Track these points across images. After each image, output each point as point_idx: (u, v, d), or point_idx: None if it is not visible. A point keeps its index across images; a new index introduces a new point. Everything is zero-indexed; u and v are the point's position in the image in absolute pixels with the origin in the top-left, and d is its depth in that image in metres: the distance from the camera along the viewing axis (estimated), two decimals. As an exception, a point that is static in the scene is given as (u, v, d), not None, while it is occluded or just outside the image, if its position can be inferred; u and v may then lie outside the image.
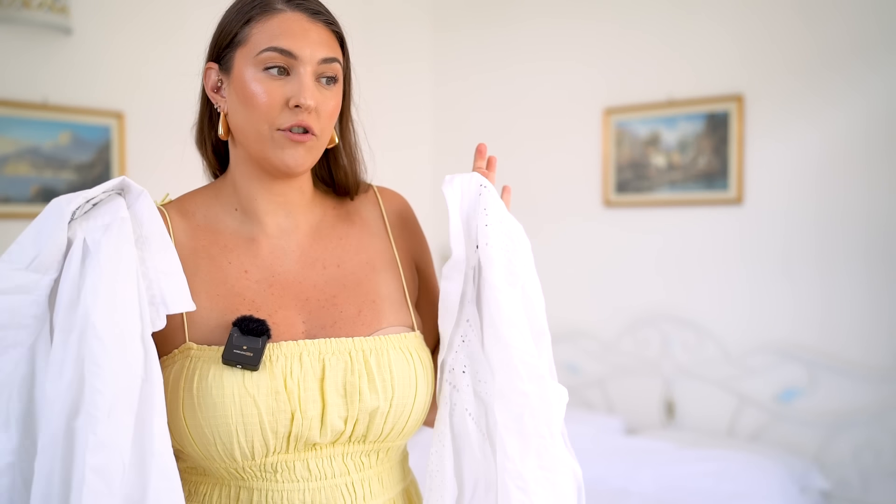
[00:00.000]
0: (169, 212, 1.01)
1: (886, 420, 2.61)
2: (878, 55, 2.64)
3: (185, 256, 0.96)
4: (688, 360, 3.03)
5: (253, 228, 1.01)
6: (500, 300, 0.95)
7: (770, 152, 2.85)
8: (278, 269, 1.00)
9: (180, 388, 0.91)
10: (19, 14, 2.41)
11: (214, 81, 1.01)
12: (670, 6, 3.06)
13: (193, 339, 0.93)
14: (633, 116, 3.15)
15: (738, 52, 2.91)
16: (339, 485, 0.95)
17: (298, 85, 0.93)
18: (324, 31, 0.97)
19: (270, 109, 0.93)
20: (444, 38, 3.74)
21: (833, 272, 2.74)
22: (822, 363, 2.73)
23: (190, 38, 3.00)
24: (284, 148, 0.94)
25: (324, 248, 1.04)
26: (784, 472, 2.51)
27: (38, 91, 2.61)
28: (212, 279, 0.97)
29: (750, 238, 2.91)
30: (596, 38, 3.25)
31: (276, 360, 0.92)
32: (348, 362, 0.94)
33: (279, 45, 0.93)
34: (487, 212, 0.98)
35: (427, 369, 1.00)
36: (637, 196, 3.16)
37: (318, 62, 0.95)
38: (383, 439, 0.98)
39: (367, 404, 0.94)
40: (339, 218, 1.07)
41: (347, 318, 0.99)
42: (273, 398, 0.90)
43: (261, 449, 0.91)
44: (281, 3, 0.97)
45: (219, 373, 0.90)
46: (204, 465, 0.94)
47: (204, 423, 0.89)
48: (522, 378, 0.94)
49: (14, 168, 2.56)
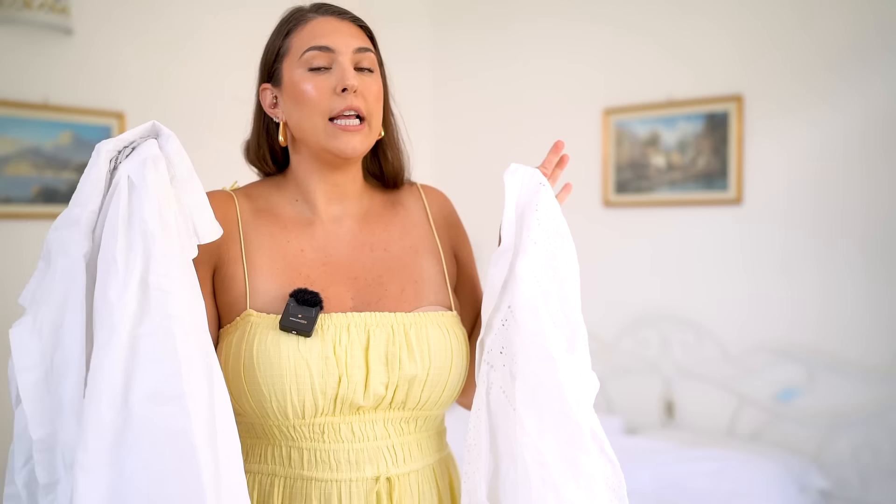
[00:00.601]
0: (237, 195, 1.14)
1: (885, 419, 2.62)
2: (877, 56, 2.64)
3: (248, 232, 1.09)
4: (687, 359, 3.03)
5: (310, 215, 1.13)
6: (523, 289, 1.02)
7: (769, 152, 2.86)
8: (331, 251, 1.12)
9: (242, 350, 1.02)
10: (20, 14, 2.41)
11: (270, 99, 1.14)
12: (670, 7, 3.06)
13: (254, 307, 1.04)
14: (632, 117, 3.16)
15: (738, 53, 2.91)
16: (380, 447, 1.05)
17: (340, 72, 1.06)
18: (353, 27, 1.11)
19: (321, 100, 1.05)
20: (443, 37, 3.74)
21: (832, 272, 2.74)
22: (821, 363, 2.74)
23: (190, 39, 3.01)
24: (339, 137, 1.06)
25: (371, 232, 1.15)
26: (783, 471, 2.52)
27: (39, 91, 2.61)
28: (272, 255, 1.08)
29: (749, 238, 2.91)
30: (596, 39, 3.26)
31: (326, 328, 1.03)
32: (390, 334, 1.05)
33: (316, 44, 1.07)
34: (539, 208, 1.05)
35: (462, 345, 1.10)
36: (637, 196, 3.16)
37: (353, 51, 1.07)
38: (421, 407, 1.07)
39: (406, 372, 1.04)
40: (385, 207, 1.19)
41: (391, 296, 1.10)
42: (323, 362, 1.01)
43: (311, 408, 1.01)
44: (312, 12, 1.11)
45: (276, 337, 1.01)
46: (259, 423, 1.05)
47: (262, 382, 1.00)
48: (535, 358, 1.00)
49: (15, 168, 2.57)
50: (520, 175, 1.07)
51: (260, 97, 1.15)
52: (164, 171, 0.96)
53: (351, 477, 1.04)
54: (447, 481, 1.16)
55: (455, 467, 1.20)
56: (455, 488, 1.17)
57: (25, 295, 0.98)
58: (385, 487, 1.05)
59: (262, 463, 1.06)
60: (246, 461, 1.07)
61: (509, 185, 1.07)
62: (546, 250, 1.04)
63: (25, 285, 1.00)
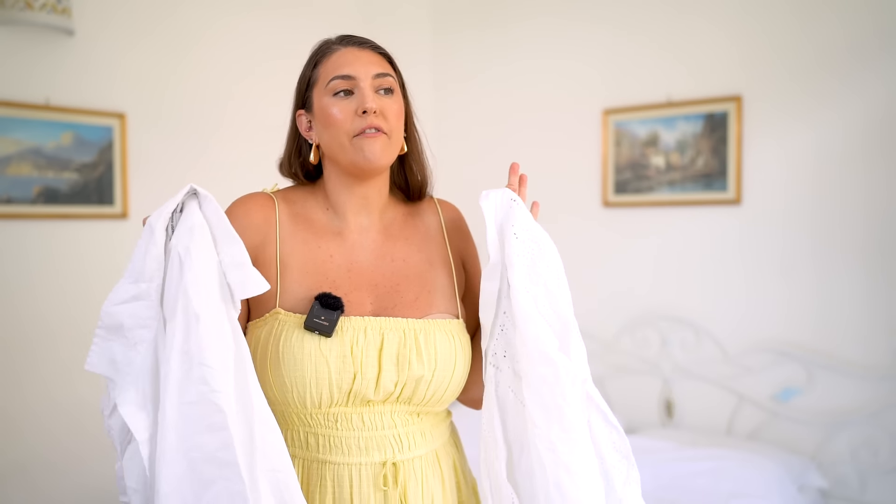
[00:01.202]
0: (276, 197, 1.26)
1: (884, 418, 2.63)
2: (875, 58, 2.65)
3: (284, 237, 1.22)
4: (686, 359, 3.04)
5: (340, 224, 1.27)
6: (518, 298, 1.14)
7: (768, 153, 2.87)
8: (356, 259, 1.25)
9: (269, 345, 1.15)
10: (22, 15, 2.42)
11: (306, 124, 1.28)
12: (669, 8, 3.07)
13: (282, 306, 1.18)
14: (631, 117, 3.17)
15: (737, 54, 2.92)
16: (387, 436, 1.19)
17: (361, 96, 1.19)
18: (373, 55, 1.25)
19: (345, 121, 1.19)
20: (443, 39, 3.75)
21: (831, 272, 2.75)
22: (819, 362, 2.75)
23: (191, 40, 3.01)
24: (363, 148, 1.19)
25: (393, 244, 1.28)
26: (782, 470, 2.53)
27: (41, 92, 2.62)
28: (304, 258, 1.22)
29: (748, 238, 2.92)
30: (595, 40, 3.27)
31: (346, 330, 1.16)
32: (402, 338, 1.18)
33: (340, 73, 1.21)
34: (514, 223, 1.18)
35: (465, 350, 1.23)
36: (636, 196, 3.17)
37: (372, 77, 1.21)
38: (425, 403, 1.20)
39: (414, 372, 1.17)
40: (406, 223, 1.32)
41: (406, 303, 1.23)
42: (341, 360, 1.14)
43: (327, 399, 1.15)
44: (336, 43, 1.25)
45: (300, 336, 1.14)
46: (280, 410, 1.18)
47: (285, 374, 1.14)
48: (537, 362, 1.12)
49: (17, 168, 2.57)
50: (493, 197, 1.20)
51: (297, 122, 1.29)
52: (208, 236, 1.08)
53: (361, 461, 1.17)
54: (450, 462, 1.28)
55: (458, 447, 1.33)
56: (458, 469, 1.31)
57: (95, 361, 1.08)
58: (391, 471, 1.18)
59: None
60: None
61: (486, 209, 1.20)
62: (528, 259, 1.16)
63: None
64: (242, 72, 3.14)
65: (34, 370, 2.64)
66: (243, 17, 3.13)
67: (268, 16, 3.22)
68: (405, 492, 1.19)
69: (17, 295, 2.60)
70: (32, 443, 2.62)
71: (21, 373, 2.61)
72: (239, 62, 3.13)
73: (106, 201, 2.75)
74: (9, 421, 2.59)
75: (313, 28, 3.29)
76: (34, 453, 2.62)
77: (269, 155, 3.11)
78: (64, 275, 2.68)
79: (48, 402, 2.64)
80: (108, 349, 1.07)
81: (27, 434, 2.62)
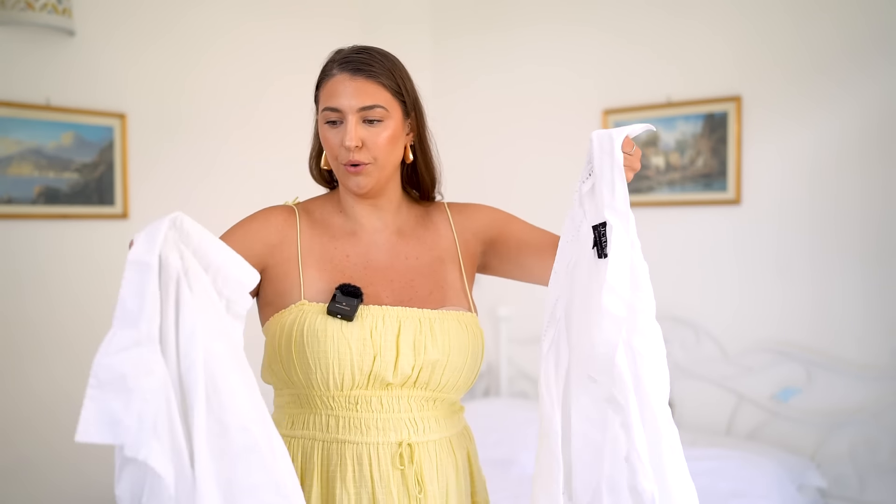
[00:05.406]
0: (298, 208, 1.36)
1: (883, 418, 2.63)
2: (872, 60, 2.66)
3: (304, 240, 1.31)
4: (686, 359, 3.04)
5: (354, 226, 1.35)
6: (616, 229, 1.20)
7: (768, 153, 2.87)
8: (372, 257, 1.33)
9: (293, 330, 1.23)
10: (23, 16, 2.43)
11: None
12: (667, 10, 3.08)
13: (306, 298, 1.26)
14: (631, 117, 3.17)
15: (736, 55, 2.93)
16: (403, 418, 1.26)
17: (345, 131, 1.25)
18: (366, 84, 1.26)
19: (332, 150, 1.28)
20: (443, 42, 3.75)
21: (830, 272, 2.76)
22: (819, 362, 2.75)
23: (191, 40, 3.02)
24: (349, 177, 1.28)
25: (406, 244, 1.36)
26: (781, 470, 2.53)
27: (42, 92, 2.63)
28: (322, 258, 1.30)
29: (748, 238, 2.92)
30: (595, 41, 3.27)
31: (365, 317, 1.24)
32: (418, 325, 1.25)
33: (328, 105, 1.26)
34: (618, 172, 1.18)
35: (477, 340, 1.31)
36: (636, 197, 3.18)
37: (357, 110, 1.25)
38: (441, 389, 1.28)
39: (430, 356, 1.24)
40: (418, 222, 1.39)
41: (421, 296, 1.31)
42: (361, 343, 1.22)
43: (349, 381, 1.22)
44: (335, 67, 1.28)
45: (324, 320, 1.22)
46: (304, 393, 1.25)
47: (310, 356, 1.21)
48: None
49: (17, 168, 2.58)
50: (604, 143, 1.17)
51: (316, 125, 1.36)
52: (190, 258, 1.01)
53: (378, 441, 1.24)
54: (464, 453, 1.34)
55: (470, 438, 1.39)
56: (472, 460, 1.37)
57: (91, 429, 0.93)
58: (407, 451, 1.25)
59: (305, 429, 1.27)
60: (291, 428, 1.27)
61: (596, 142, 1.18)
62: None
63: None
64: (242, 73, 3.14)
65: (35, 370, 2.64)
66: (243, 20, 3.14)
67: (267, 21, 3.22)
68: (421, 472, 1.25)
69: (17, 295, 2.61)
70: (32, 443, 2.63)
71: (21, 372, 2.62)
72: (238, 63, 3.14)
73: (106, 201, 2.76)
74: (9, 421, 2.59)
75: (312, 35, 3.31)
76: (32, 454, 2.63)
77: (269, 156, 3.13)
78: (64, 275, 2.69)
79: (48, 401, 2.65)
80: (104, 411, 0.92)
81: (27, 434, 2.62)
